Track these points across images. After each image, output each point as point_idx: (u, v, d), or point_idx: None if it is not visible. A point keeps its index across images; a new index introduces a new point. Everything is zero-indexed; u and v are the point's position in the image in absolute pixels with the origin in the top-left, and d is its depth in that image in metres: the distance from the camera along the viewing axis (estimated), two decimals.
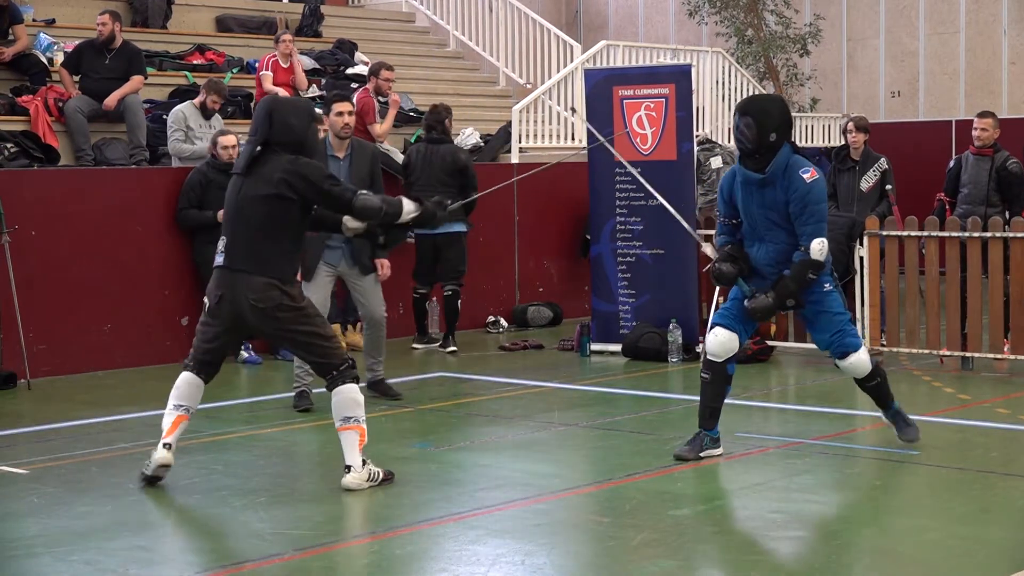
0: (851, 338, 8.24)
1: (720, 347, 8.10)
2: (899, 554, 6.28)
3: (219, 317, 7.65)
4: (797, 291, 8.04)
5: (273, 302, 7.50)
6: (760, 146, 7.88)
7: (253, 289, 7.48)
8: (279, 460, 8.42)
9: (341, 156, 9.88)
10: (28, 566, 6.23)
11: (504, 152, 15.88)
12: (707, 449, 8.17)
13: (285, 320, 7.56)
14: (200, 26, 16.90)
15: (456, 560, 6.26)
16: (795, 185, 7.90)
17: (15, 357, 11.06)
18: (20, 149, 12.26)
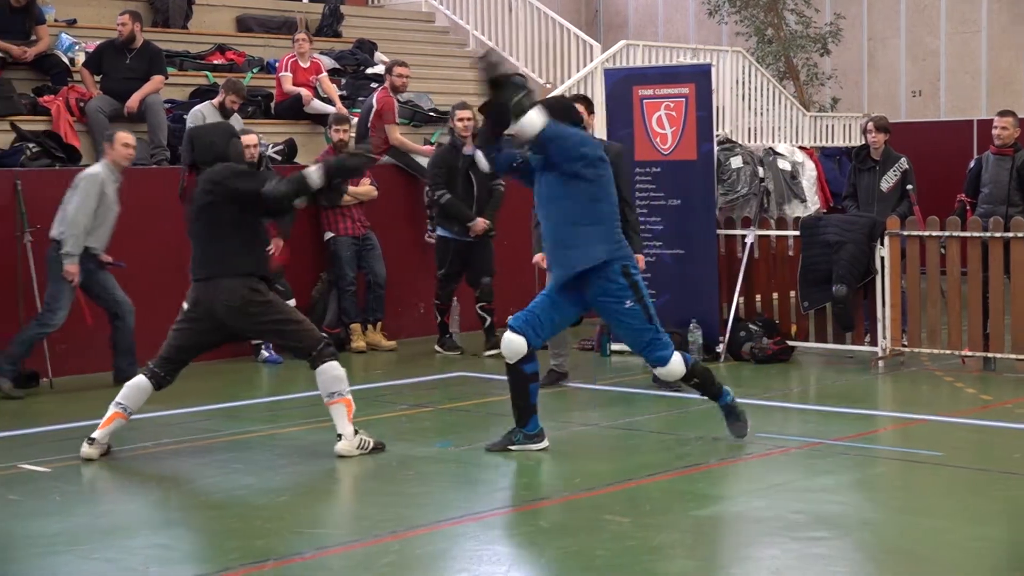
0: (660, 351, 8.31)
1: (508, 350, 8.24)
2: (920, 555, 6.27)
3: (194, 322, 8.38)
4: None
5: (242, 299, 8.23)
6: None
7: (220, 291, 8.22)
8: (300, 459, 8.44)
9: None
10: (50, 564, 6.25)
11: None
12: (520, 444, 8.38)
13: (256, 313, 8.27)
14: (220, 26, 16.93)
15: (476, 560, 6.27)
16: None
17: (37, 356, 11.10)
18: (42, 149, 12.30)
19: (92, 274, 10.90)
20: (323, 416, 9.69)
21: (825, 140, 19.43)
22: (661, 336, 8.33)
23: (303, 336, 8.35)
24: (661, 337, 8.33)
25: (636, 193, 12.53)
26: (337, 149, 12.98)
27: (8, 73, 13.39)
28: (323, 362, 8.30)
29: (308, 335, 8.37)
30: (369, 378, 11.69)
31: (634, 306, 8.22)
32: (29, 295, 11.07)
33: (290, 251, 12.49)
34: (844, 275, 11.56)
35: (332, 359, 8.34)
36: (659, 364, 8.36)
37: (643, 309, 8.24)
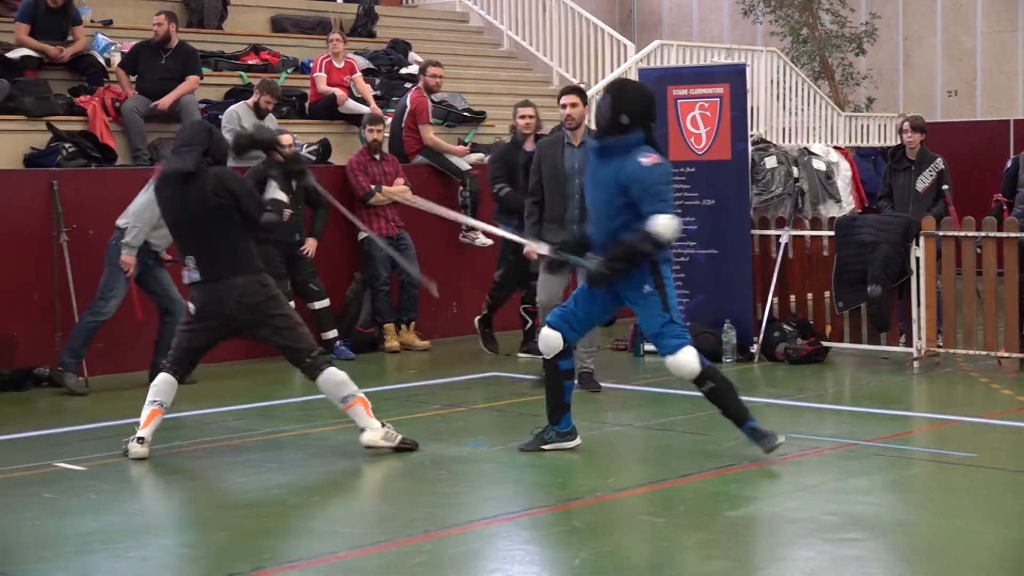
0: (670, 339, 8.13)
1: (544, 345, 8.28)
2: (954, 556, 6.24)
3: (205, 322, 8.46)
4: (626, 255, 7.95)
5: (256, 296, 8.37)
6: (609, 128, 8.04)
7: (236, 288, 8.33)
8: (333, 458, 8.45)
9: (576, 144, 10.40)
10: (85, 561, 6.28)
11: None
12: (553, 442, 8.38)
13: (266, 309, 8.39)
14: (255, 26, 16.98)
15: (509, 560, 6.26)
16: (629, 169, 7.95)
17: None
18: (78, 149, 12.36)
19: (150, 269, 10.96)
20: None
21: (860, 140, 19.35)
22: (676, 327, 8.15)
23: (301, 339, 8.42)
24: (675, 328, 8.15)
25: None
26: (371, 149, 13.01)
27: (45, 73, 13.47)
28: (321, 371, 8.37)
29: (306, 339, 8.46)
30: (402, 378, 11.71)
31: (652, 292, 8.08)
32: (65, 294, 11.13)
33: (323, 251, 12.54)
34: (879, 275, 11.52)
35: (328, 366, 8.43)
36: (667, 353, 8.16)
37: (661, 297, 8.08)
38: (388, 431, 8.36)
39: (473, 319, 13.04)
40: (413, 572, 6.05)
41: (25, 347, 11.09)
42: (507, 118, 16.60)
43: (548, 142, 10.85)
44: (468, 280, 14.05)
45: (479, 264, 14.13)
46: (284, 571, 6.12)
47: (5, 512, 7.11)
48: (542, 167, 10.60)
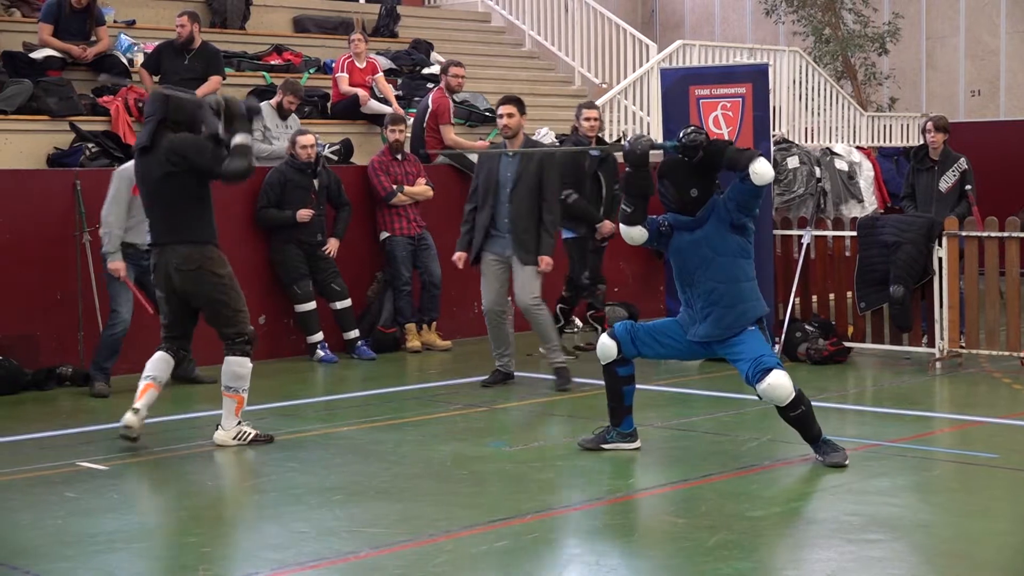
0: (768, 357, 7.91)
1: (599, 350, 8.44)
2: (977, 558, 6.22)
3: (162, 290, 8.77)
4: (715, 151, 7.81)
5: (194, 264, 8.55)
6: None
7: (177, 255, 8.55)
8: (355, 458, 8.46)
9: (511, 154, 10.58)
10: (107, 561, 6.30)
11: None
12: (614, 442, 8.47)
13: (204, 282, 8.57)
14: (278, 27, 17.03)
15: (531, 559, 6.26)
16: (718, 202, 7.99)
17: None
18: (101, 149, 12.40)
19: (145, 270, 10.95)
20: (377, 416, 9.75)
21: (883, 140, 19.30)
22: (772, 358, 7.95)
23: (234, 322, 8.65)
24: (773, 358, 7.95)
25: None
26: (393, 149, 13.02)
27: (68, 73, 13.52)
28: (233, 354, 8.63)
29: (239, 323, 8.66)
30: (424, 378, 11.72)
31: (755, 329, 8.04)
32: (88, 294, 11.16)
33: (345, 251, 12.57)
34: (901, 276, 11.48)
35: (244, 356, 8.64)
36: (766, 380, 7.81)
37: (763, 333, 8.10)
38: (241, 430, 8.71)
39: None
40: (434, 572, 6.05)
41: (48, 347, 11.13)
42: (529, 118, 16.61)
43: (490, 150, 11.09)
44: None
45: None
46: (305, 570, 6.13)
47: (29, 511, 7.14)
48: (479, 174, 10.81)
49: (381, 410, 10.03)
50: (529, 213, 10.56)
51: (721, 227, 8.01)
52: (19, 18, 14.39)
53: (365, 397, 10.26)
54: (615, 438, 8.50)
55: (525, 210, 10.55)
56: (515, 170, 10.59)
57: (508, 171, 10.61)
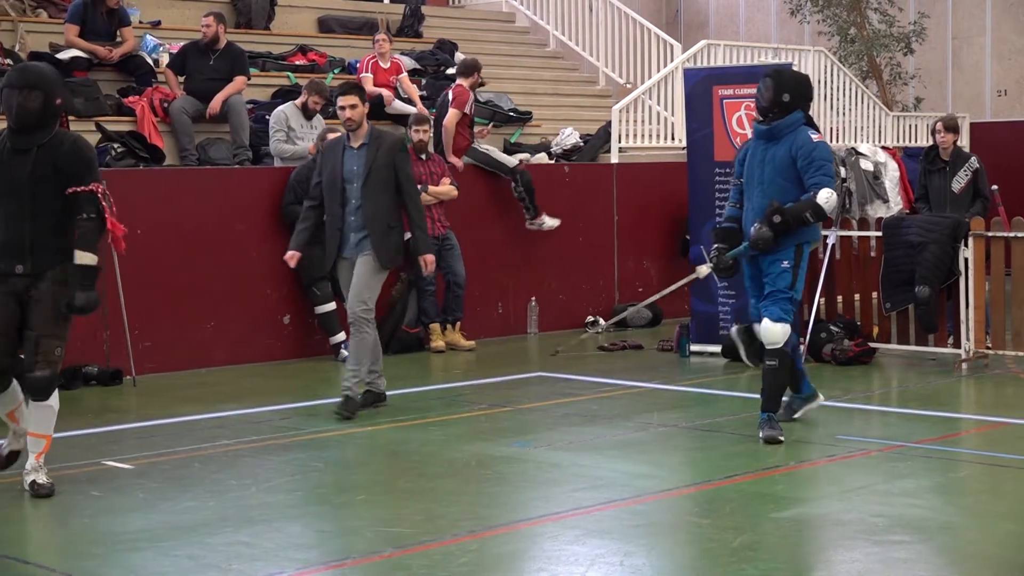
0: (774, 307, 8.68)
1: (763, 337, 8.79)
2: (1002, 559, 6.20)
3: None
4: (788, 218, 8.58)
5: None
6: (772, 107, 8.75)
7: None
8: (378, 458, 8.48)
9: (356, 146, 9.63)
10: (133, 560, 6.33)
11: (604, 152, 15.86)
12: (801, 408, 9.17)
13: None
14: (302, 27, 17.06)
15: (555, 560, 6.26)
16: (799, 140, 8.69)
17: (121, 354, 11.25)
18: (126, 149, 12.44)
19: None
20: (401, 416, 9.77)
21: (908, 140, 19.23)
22: (788, 304, 8.71)
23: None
24: (787, 305, 8.70)
25: (716, 194, 12.50)
26: (418, 149, 13.02)
27: (94, 74, 13.58)
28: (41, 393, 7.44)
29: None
30: (448, 378, 11.73)
31: (788, 269, 8.70)
32: (113, 293, 11.19)
33: None
34: (927, 276, 11.44)
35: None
36: (767, 316, 8.68)
37: (793, 277, 8.71)
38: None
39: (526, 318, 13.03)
40: (459, 572, 6.06)
41: (74, 346, 11.13)
42: (553, 118, 16.68)
43: (331, 143, 10.03)
44: (513, 279, 14.06)
45: (523, 263, 14.15)
46: (330, 570, 6.15)
47: (55, 509, 7.17)
48: (323, 170, 9.81)
49: (405, 410, 10.04)
50: (385, 211, 9.59)
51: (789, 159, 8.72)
52: (46, 19, 14.45)
53: (389, 397, 10.24)
54: (799, 404, 9.13)
55: (380, 208, 9.58)
56: (362, 163, 9.59)
57: (354, 164, 9.60)
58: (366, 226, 9.55)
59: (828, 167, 8.71)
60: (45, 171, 7.35)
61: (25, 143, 7.35)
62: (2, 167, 7.38)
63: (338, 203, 9.62)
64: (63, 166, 7.37)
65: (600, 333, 13.69)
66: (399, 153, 9.74)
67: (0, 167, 7.38)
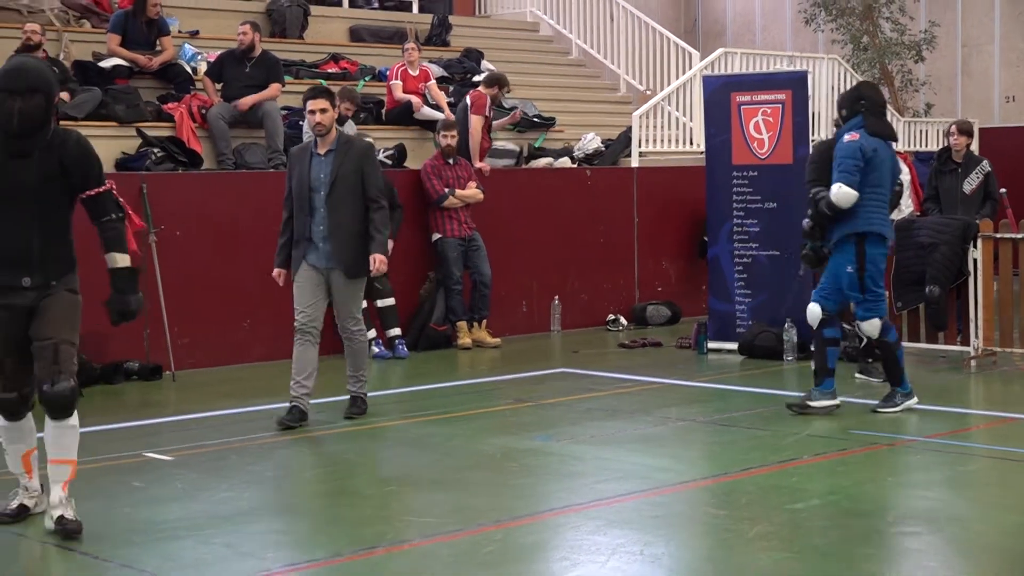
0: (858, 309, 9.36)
1: (809, 316, 9.48)
2: (1011, 551, 6.18)
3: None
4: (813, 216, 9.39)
5: None
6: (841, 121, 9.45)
7: None
8: (408, 450, 8.49)
9: (322, 153, 9.04)
10: (173, 548, 6.35)
11: (624, 156, 15.86)
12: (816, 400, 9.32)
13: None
14: (335, 36, 17.08)
15: (577, 549, 6.27)
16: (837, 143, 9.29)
17: (161, 350, 11.30)
18: (166, 153, 12.49)
19: None
20: (429, 410, 9.79)
21: (919, 145, 19.17)
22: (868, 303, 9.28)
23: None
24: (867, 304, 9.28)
25: (734, 197, 12.48)
26: (445, 154, 13.04)
27: (135, 82, 13.63)
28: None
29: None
30: (474, 373, 11.74)
31: (853, 272, 9.22)
32: (153, 292, 11.24)
33: (399, 252, 12.61)
34: (937, 276, 11.40)
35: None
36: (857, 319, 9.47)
37: (859, 279, 9.22)
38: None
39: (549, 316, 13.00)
40: (485, 560, 6.07)
41: (116, 343, 11.22)
42: (576, 123, 16.68)
43: (298, 150, 9.40)
44: (537, 279, 14.07)
45: (547, 264, 14.15)
46: (362, 558, 6.16)
47: (98, 499, 7.20)
48: (291, 178, 9.16)
49: (433, 404, 10.06)
50: (353, 219, 9.00)
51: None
52: (89, 29, 14.51)
53: (418, 392, 10.28)
54: (817, 396, 9.32)
55: (348, 216, 8.99)
56: (329, 171, 8.97)
57: (320, 172, 8.99)
58: (331, 236, 8.96)
59: (845, 163, 9.10)
60: (52, 173, 6.47)
61: (26, 147, 6.43)
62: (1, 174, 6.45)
63: (305, 211, 9.01)
64: (73, 167, 6.51)
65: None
66: (368, 159, 9.15)
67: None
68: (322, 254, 8.99)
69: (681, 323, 14.52)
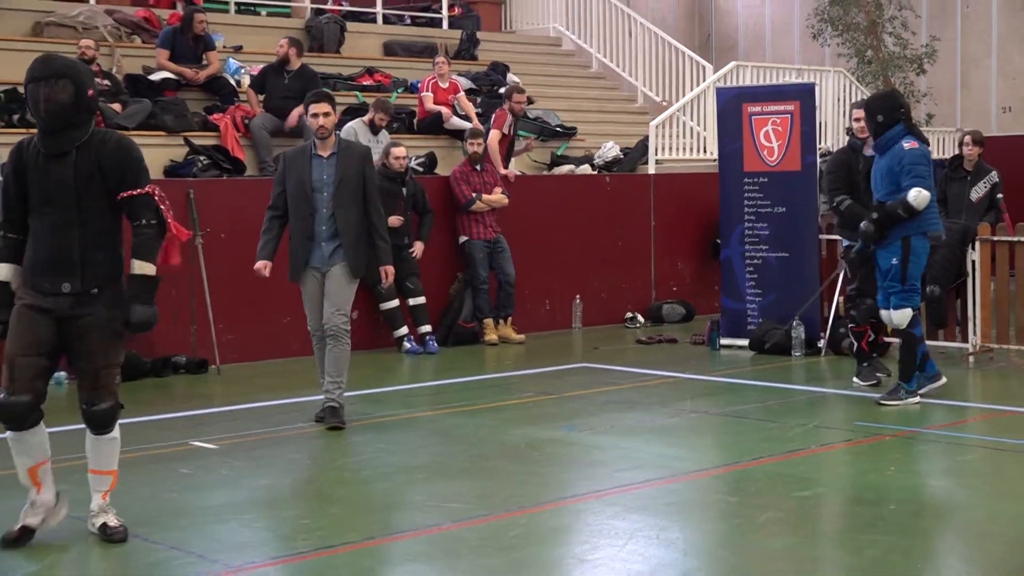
0: (892, 298, 9.22)
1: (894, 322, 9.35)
2: (1007, 537, 6.14)
3: None
4: (883, 216, 9.12)
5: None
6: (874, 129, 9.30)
7: None
8: (437, 440, 8.49)
9: (325, 155, 8.82)
10: (217, 531, 6.37)
11: (642, 164, 15.82)
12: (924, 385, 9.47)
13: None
14: (369, 51, 17.09)
15: (597, 533, 6.26)
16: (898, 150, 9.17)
17: (207, 345, 11.32)
18: (211, 161, 12.52)
19: None
20: (457, 402, 9.78)
21: None
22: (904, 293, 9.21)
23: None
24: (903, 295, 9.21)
25: (745, 201, 12.45)
26: (473, 161, 13.04)
27: (182, 94, 13.67)
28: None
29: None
30: (500, 368, 11.73)
31: (897, 264, 9.16)
32: (199, 291, 11.28)
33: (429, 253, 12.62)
34: (938, 276, 11.33)
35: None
36: (889, 308, 9.25)
37: (902, 271, 9.16)
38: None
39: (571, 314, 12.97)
40: (510, 544, 6.06)
41: (165, 338, 11.25)
42: (596, 133, 16.66)
43: (294, 152, 9.11)
44: (560, 279, 14.06)
45: (568, 265, 14.13)
46: (393, 541, 6.17)
47: (147, 485, 7.22)
48: (287, 179, 8.88)
49: (461, 397, 10.06)
50: (357, 220, 8.77)
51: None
52: (139, 44, 14.56)
53: (447, 385, 10.28)
54: (924, 381, 9.46)
55: (354, 217, 8.76)
56: (333, 173, 8.75)
57: (323, 174, 8.76)
58: (339, 235, 8.72)
59: (918, 169, 9.09)
60: (90, 173, 5.94)
61: (61, 145, 5.91)
62: (38, 174, 5.97)
63: (307, 212, 8.75)
64: (110, 167, 5.96)
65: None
66: (368, 164, 8.97)
67: (36, 175, 5.98)
68: (325, 253, 8.76)
69: (695, 321, 14.48)
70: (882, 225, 9.14)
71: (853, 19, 20.82)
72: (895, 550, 5.90)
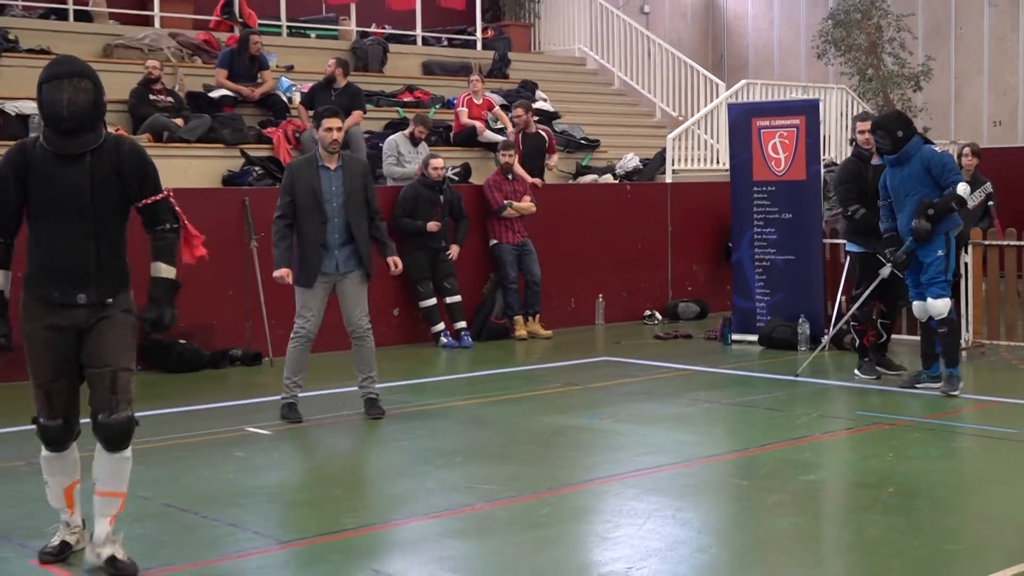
0: (935, 287, 9.12)
1: (919, 313, 9.34)
2: (999, 520, 6.10)
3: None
4: (939, 210, 9.03)
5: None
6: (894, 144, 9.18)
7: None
8: (472, 427, 8.49)
9: (332, 167, 8.64)
10: (269, 509, 6.39)
11: (660, 174, 15.78)
12: (924, 383, 9.41)
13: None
14: (410, 70, 17.11)
15: (618, 513, 6.25)
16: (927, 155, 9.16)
17: (260, 339, 11.34)
18: (265, 171, 12.56)
19: None
20: (490, 392, 9.77)
21: None
22: (945, 285, 9.16)
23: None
24: (945, 286, 9.16)
25: (754, 208, 12.40)
26: (504, 170, 13.04)
27: (239, 109, 13.71)
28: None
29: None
30: (529, 361, 11.72)
31: (942, 255, 9.11)
32: (254, 290, 11.31)
33: (464, 256, 12.62)
34: None
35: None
36: (930, 297, 9.14)
37: (947, 261, 9.14)
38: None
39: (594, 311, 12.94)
40: (538, 522, 6.06)
41: (222, 333, 11.30)
42: (617, 145, 16.62)
43: (301, 163, 8.85)
44: (584, 279, 14.03)
45: (591, 266, 14.11)
46: (431, 519, 6.17)
47: (205, 467, 7.25)
48: (295, 189, 8.61)
49: (494, 387, 10.06)
50: (367, 227, 8.66)
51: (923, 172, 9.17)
52: (200, 64, 14.61)
53: (480, 376, 10.27)
54: (925, 379, 9.41)
55: (364, 224, 8.63)
56: (341, 183, 8.55)
57: (332, 184, 8.55)
58: (352, 241, 8.54)
59: (955, 166, 9.28)
60: (107, 179, 5.29)
61: (75, 147, 5.24)
62: (46, 179, 5.25)
63: (319, 220, 8.50)
64: (129, 172, 5.34)
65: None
66: (369, 176, 8.83)
67: (42, 178, 5.26)
68: (339, 259, 8.56)
69: (708, 318, 14.43)
70: (937, 220, 9.08)
71: (855, 40, 20.70)
72: (893, 529, 5.87)
